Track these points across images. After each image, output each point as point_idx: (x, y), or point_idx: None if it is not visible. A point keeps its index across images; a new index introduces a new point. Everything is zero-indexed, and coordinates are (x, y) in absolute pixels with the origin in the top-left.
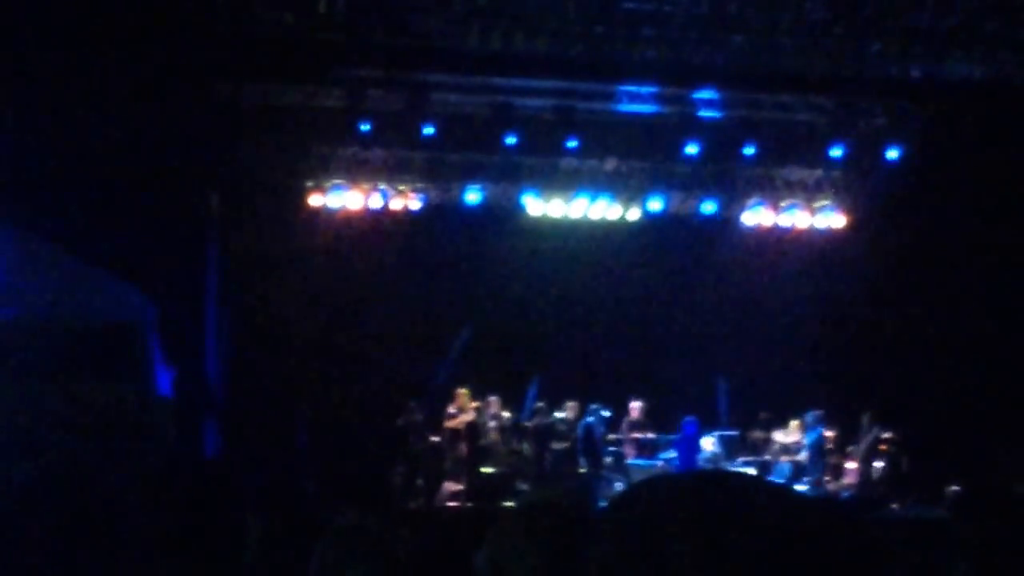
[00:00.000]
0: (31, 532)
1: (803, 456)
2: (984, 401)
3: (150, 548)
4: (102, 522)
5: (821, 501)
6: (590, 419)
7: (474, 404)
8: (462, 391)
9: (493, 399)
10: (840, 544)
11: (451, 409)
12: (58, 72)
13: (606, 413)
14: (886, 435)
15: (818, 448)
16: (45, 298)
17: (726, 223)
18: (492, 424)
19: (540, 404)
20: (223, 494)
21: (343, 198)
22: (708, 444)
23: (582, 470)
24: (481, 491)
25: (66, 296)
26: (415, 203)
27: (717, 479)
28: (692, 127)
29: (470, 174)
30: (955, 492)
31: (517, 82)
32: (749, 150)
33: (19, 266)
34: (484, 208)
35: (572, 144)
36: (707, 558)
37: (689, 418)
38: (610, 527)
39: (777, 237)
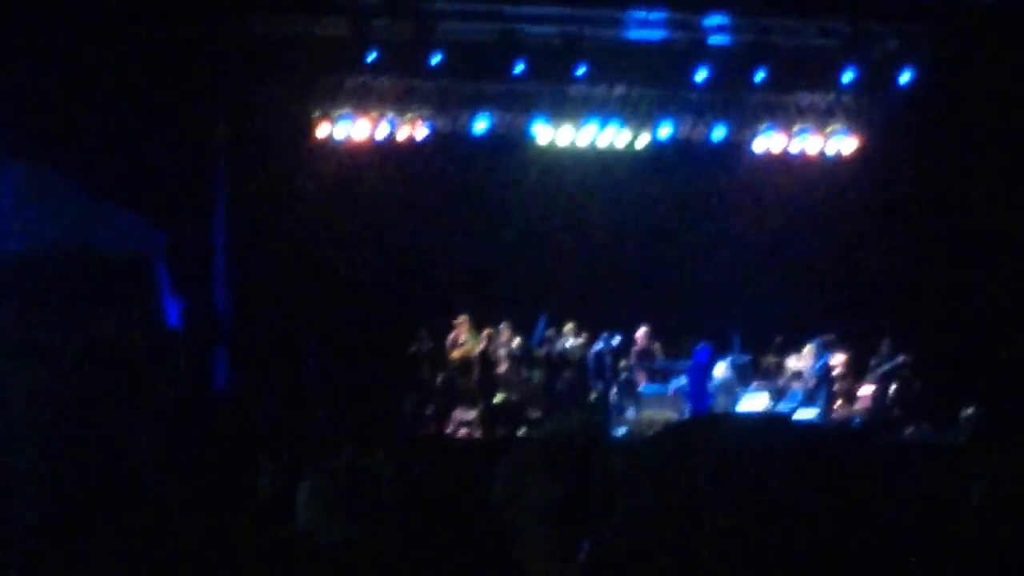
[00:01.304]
0: (45, 466)
1: (807, 380)
2: (998, 322)
3: (162, 485)
4: (113, 462)
5: (829, 431)
6: (600, 346)
7: (486, 331)
8: (462, 319)
9: (504, 327)
10: (844, 473)
11: (454, 337)
12: (67, 4)
13: (616, 340)
14: (901, 358)
15: (824, 374)
16: (52, 229)
17: (737, 149)
18: (502, 352)
19: (550, 332)
20: (235, 428)
21: (350, 127)
22: (720, 370)
23: (593, 398)
24: (492, 419)
25: (73, 227)
26: (422, 132)
27: (720, 421)
28: (701, 52)
29: (478, 102)
30: (970, 414)
31: (524, 9)
32: (760, 75)
33: (25, 197)
34: (492, 136)
35: (580, 71)
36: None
37: (701, 344)
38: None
39: (788, 162)
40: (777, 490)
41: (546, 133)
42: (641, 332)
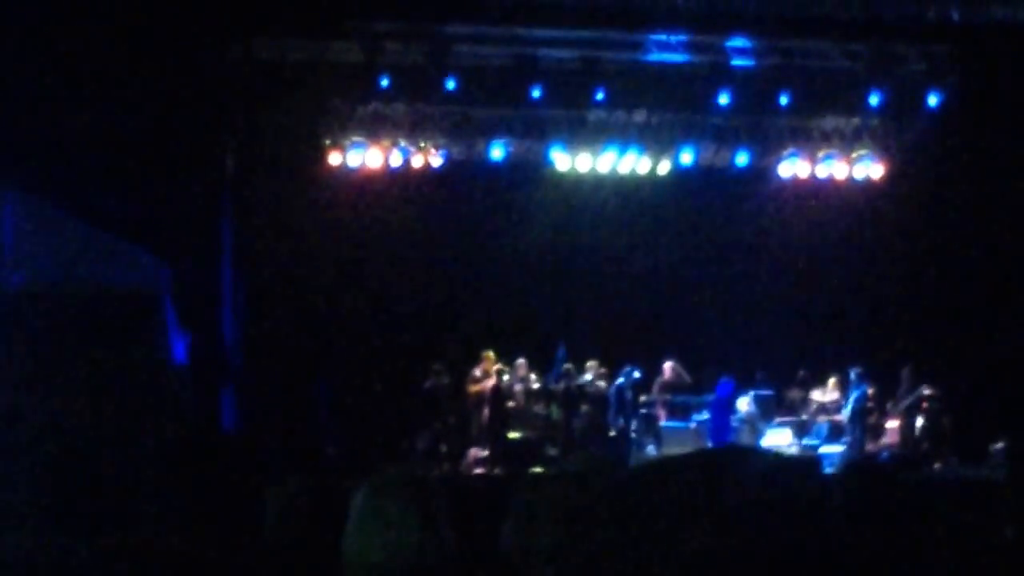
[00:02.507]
0: (50, 503)
1: (842, 415)
2: None
3: (169, 520)
4: (120, 496)
5: (854, 470)
6: (622, 380)
7: (496, 367)
8: (487, 354)
9: (521, 362)
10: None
11: (476, 372)
12: (70, 34)
13: (637, 374)
14: (926, 391)
15: (861, 407)
16: (58, 264)
17: (760, 175)
18: (519, 387)
19: (568, 366)
20: (242, 465)
21: (362, 156)
22: (743, 404)
23: (612, 434)
24: (507, 457)
25: (79, 262)
26: (437, 160)
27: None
28: (724, 76)
29: (494, 129)
30: (1000, 449)
31: (542, 32)
32: (784, 99)
33: (31, 232)
34: (509, 164)
35: (599, 96)
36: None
37: (724, 378)
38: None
39: (814, 189)
40: (802, 527)
41: (564, 160)
42: (667, 365)
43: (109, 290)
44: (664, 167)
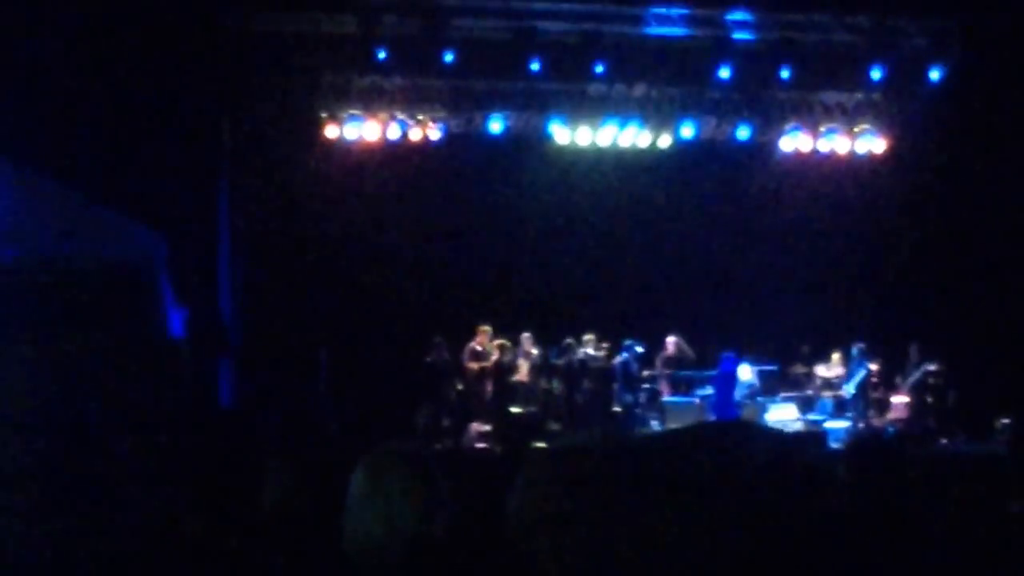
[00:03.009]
0: (48, 485)
1: (845, 390)
2: None
3: (168, 495)
4: (117, 472)
5: (860, 444)
6: (625, 355)
7: (498, 342)
8: (484, 328)
9: (525, 336)
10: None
11: (475, 347)
12: (66, 4)
13: (640, 349)
14: (932, 367)
15: (863, 383)
16: (50, 238)
17: (762, 149)
18: (523, 362)
19: (569, 340)
20: (240, 441)
21: (360, 129)
22: (746, 373)
23: (616, 409)
24: (510, 432)
25: (72, 235)
26: (435, 133)
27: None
28: (725, 50)
29: (493, 102)
30: (1005, 425)
31: (540, 4)
32: (785, 73)
33: (23, 205)
34: (508, 137)
35: (599, 69)
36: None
37: (727, 353)
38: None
39: (816, 163)
40: (802, 500)
41: (564, 134)
42: (671, 340)
43: (104, 263)
44: (665, 141)
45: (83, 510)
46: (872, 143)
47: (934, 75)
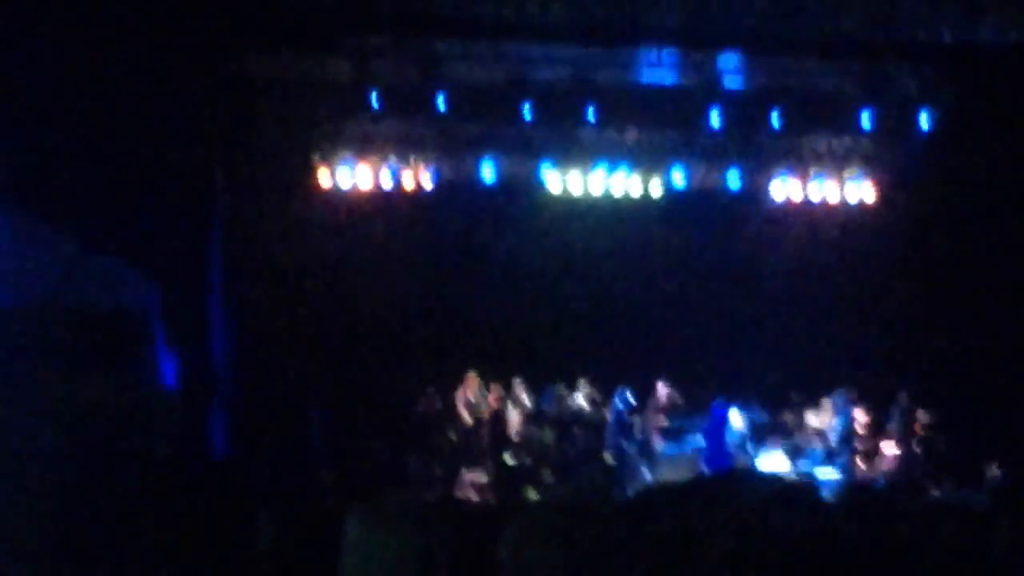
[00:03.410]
0: (39, 531)
1: (834, 439)
2: None
3: (159, 548)
4: (110, 524)
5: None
6: (618, 404)
7: (494, 394)
8: (470, 376)
9: (516, 382)
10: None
11: (467, 395)
12: (57, 48)
13: (632, 398)
14: (921, 416)
15: (846, 432)
16: (41, 284)
17: (752, 195)
18: (515, 412)
19: (561, 389)
20: (233, 490)
21: (352, 174)
22: (736, 421)
23: (607, 458)
24: (503, 481)
25: (63, 281)
26: (427, 178)
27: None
28: (715, 95)
29: (485, 147)
30: (996, 476)
31: (533, 50)
32: (775, 118)
33: (13, 250)
34: (500, 183)
35: (590, 114)
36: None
37: (718, 401)
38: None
39: (806, 209)
40: (800, 555)
41: (555, 179)
42: (661, 388)
43: (96, 311)
44: (655, 186)
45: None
46: (862, 188)
47: (924, 121)
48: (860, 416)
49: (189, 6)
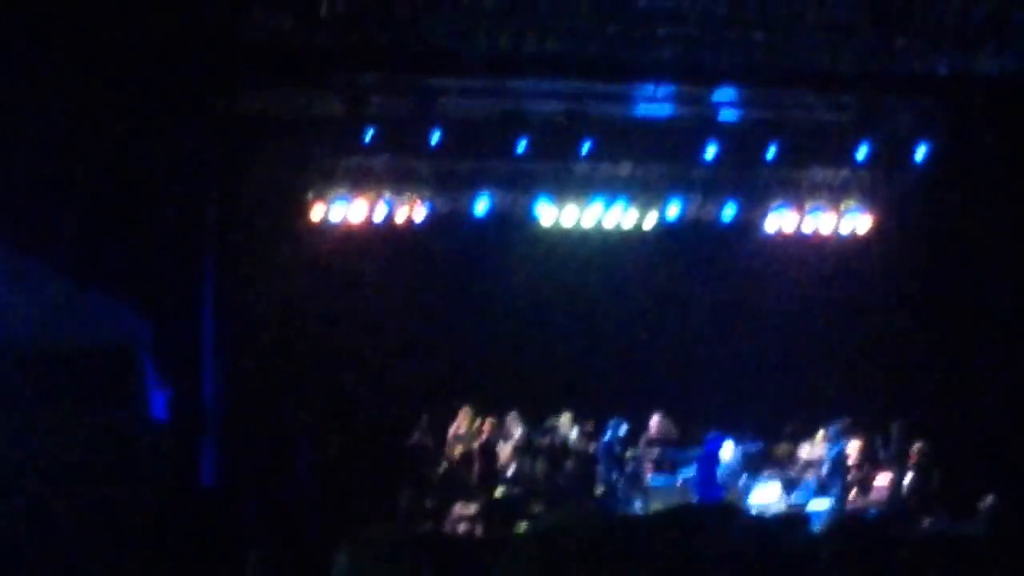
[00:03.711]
0: (33, 560)
1: (825, 471)
2: (1018, 411)
3: None
4: (100, 553)
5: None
6: (610, 435)
7: (487, 422)
8: (464, 410)
9: (511, 416)
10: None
11: (459, 429)
12: (48, 83)
13: (624, 429)
14: (916, 446)
15: (839, 462)
16: (32, 318)
17: (748, 228)
18: (508, 444)
19: (552, 421)
20: (222, 523)
21: (346, 209)
22: (728, 453)
23: (599, 490)
24: (494, 514)
25: (54, 316)
26: (421, 213)
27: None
28: (711, 129)
29: (479, 182)
30: (989, 506)
31: (528, 84)
32: (771, 152)
33: (7, 286)
34: (494, 217)
35: (586, 148)
36: None
37: (712, 433)
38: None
39: (801, 242)
40: None
41: (550, 213)
42: (655, 420)
43: (87, 345)
44: (650, 220)
45: None
46: (858, 221)
47: (920, 153)
48: (853, 446)
49: (182, 44)
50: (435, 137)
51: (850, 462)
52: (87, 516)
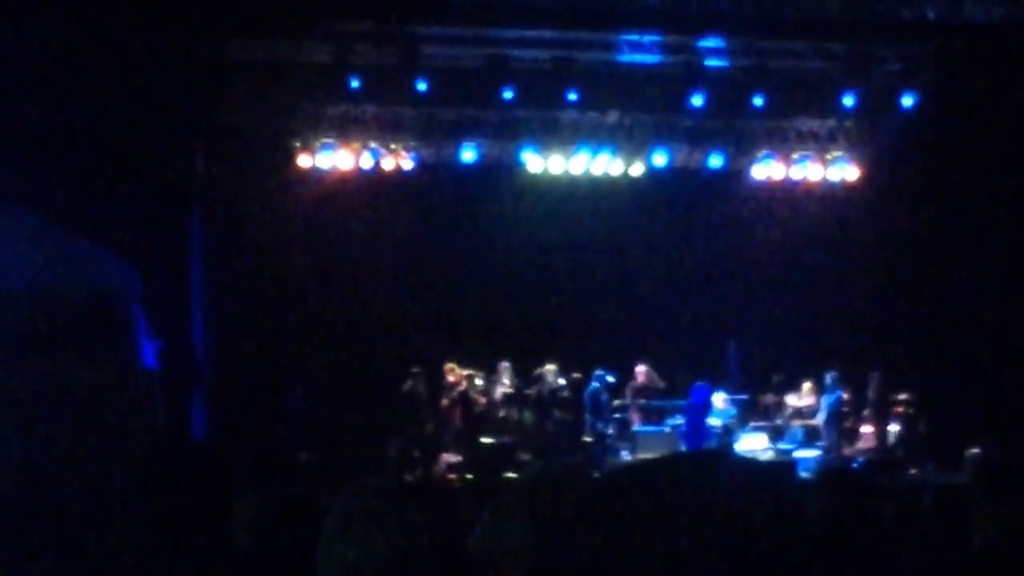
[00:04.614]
0: (18, 510)
1: (817, 420)
2: (1006, 360)
3: (140, 531)
4: (88, 507)
5: (829, 474)
6: (596, 385)
7: (467, 372)
8: (450, 366)
9: (504, 365)
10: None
11: (447, 378)
12: (33, 32)
13: (611, 378)
14: (902, 396)
15: (836, 412)
16: (20, 269)
17: (735, 177)
18: (498, 392)
19: (540, 370)
20: (212, 472)
21: (333, 158)
22: (720, 401)
23: (586, 439)
24: (481, 462)
25: (43, 266)
26: (408, 162)
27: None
28: (698, 77)
29: (465, 130)
30: (975, 456)
31: (513, 33)
32: (758, 100)
33: None
34: (480, 166)
35: (572, 97)
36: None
37: (699, 383)
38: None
39: (788, 191)
40: (773, 531)
41: (536, 162)
42: (641, 369)
43: (76, 294)
44: (637, 169)
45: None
46: (845, 170)
47: (907, 101)
48: (844, 397)
49: None
50: (421, 86)
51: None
52: (76, 467)
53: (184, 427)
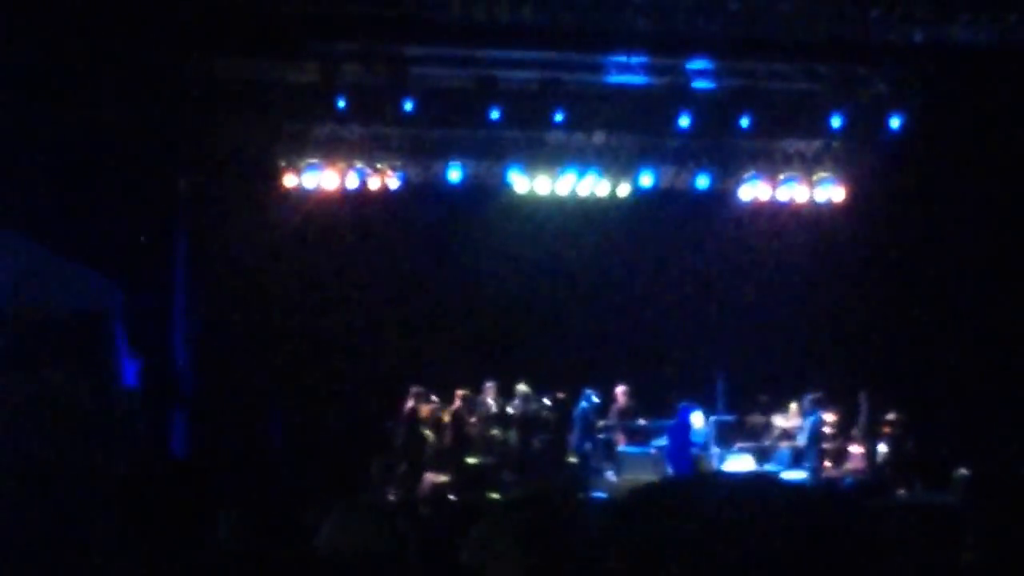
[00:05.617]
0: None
1: (802, 441)
2: (993, 381)
3: (119, 548)
4: (69, 524)
5: (817, 493)
6: (584, 405)
7: (464, 392)
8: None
9: (488, 385)
10: (833, 537)
11: (430, 398)
12: (19, 48)
13: (596, 399)
14: (890, 416)
15: (815, 433)
16: (3, 287)
17: (721, 198)
18: (482, 413)
19: (525, 390)
20: (192, 492)
21: (318, 178)
22: (698, 421)
23: (571, 459)
24: (465, 482)
25: (26, 283)
26: (394, 182)
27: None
28: (684, 98)
29: (452, 150)
30: (963, 476)
31: (501, 54)
32: (745, 122)
33: None
34: (467, 186)
35: (559, 118)
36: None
37: (685, 404)
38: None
39: (775, 211)
40: (762, 554)
41: (523, 182)
42: (620, 390)
43: (58, 312)
44: (624, 190)
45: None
46: (831, 191)
47: (894, 123)
48: (828, 417)
49: (155, 11)
50: (408, 106)
51: (824, 433)
52: (57, 485)
53: (165, 445)
